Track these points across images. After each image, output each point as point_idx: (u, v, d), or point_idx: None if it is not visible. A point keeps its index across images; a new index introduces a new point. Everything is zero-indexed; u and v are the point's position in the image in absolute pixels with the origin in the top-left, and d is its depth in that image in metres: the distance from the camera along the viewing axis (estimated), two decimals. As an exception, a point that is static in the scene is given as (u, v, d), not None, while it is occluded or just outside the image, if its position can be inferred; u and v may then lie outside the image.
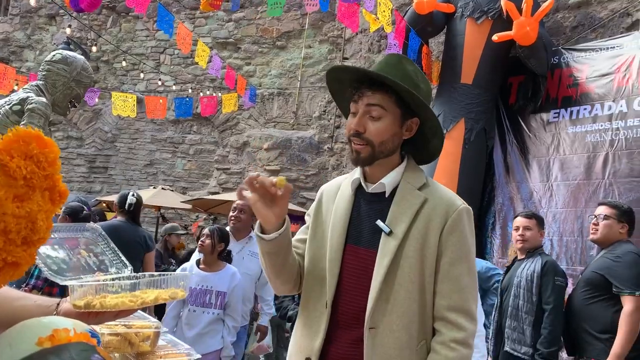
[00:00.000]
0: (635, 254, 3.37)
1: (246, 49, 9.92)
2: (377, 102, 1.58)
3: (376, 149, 1.59)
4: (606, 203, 3.74)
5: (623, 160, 5.55)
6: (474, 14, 6.34)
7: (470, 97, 6.30)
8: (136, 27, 10.63)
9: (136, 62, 10.13)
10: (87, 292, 1.15)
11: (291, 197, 8.76)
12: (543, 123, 6.41)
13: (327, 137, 8.85)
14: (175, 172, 10.26)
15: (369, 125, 1.59)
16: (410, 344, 1.54)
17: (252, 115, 9.67)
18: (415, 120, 1.65)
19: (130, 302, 1.14)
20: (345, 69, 1.70)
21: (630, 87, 5.70)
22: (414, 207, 1.59)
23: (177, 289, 1.27)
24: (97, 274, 1.26)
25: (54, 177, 0.78)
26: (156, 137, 10.38)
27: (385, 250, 1.56)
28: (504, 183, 6.60)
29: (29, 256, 0.77)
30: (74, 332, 0.73)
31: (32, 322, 0.78)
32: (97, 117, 10.64)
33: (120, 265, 1.35)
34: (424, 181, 1.65)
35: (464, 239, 1.58)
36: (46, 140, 0.76)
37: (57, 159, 0.78)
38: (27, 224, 0.75)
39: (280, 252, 1.62)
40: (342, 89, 1.72)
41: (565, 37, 6.72)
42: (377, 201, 1.65)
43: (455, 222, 1.57)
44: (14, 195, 0.73)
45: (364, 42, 8.58)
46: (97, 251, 1.34)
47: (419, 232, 1.57)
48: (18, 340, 0.73)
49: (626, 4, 6.26)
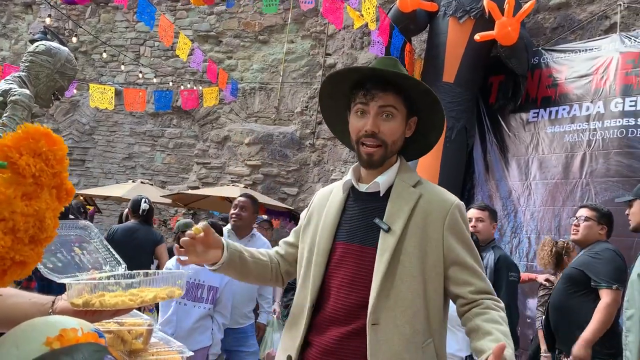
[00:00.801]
0: (612, 251, 3.51)
1: (228, 43, 9.84)
2: (390, 102, 1.62)
3: (388, 149, 1.65)
4: (587, 206, 3.85)
5: (600, 160, 5.67)
6: (456, 13, 6.40)
7: (451, 96, 6.37)
8: (115, 18, 10.45)
9: (115, 54, 9.96)
10: (84, 290, 1.14)
11: (272, 192, 8.75)
12: (522, 122, 6.51)
13: (308, 133, 8.84)
14: (154, 165, 10.14)
15: (382, 125, 1.62)
16: (415, 339, 1.54)
17: (233, 110, 9.61)
18: (414, 119, 1.71)
19: (130, 302, 1.13)
20: (359, 69, 1.71)
21: (608, 89, 5.82)
22: (410, 203, 1.62)
23: (174, 288, 1.26)
24: (91, 271, 1.25)
25: (62, 175, 0.77)
26: (135, 130, 10.24)
27: (385, 246, 1.57)
28: (483, 181, 6.70)
29: (37, 255, 0.76)
30: (81, 331, 0.72)
31: (37, 321, 0.77)
32: (75, 109, 10.45)
33: (113, 263, 1.33)
34: (417, 179, 1.70)
35: (465, 232, 1.64)
36: (55, 137, 0.75)
37: (65, 157, 0.77)
38: (35, 223, 0.74)
39: (234, 269, 1.79)
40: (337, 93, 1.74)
41: (545, 38, 6.83)
42: (372, 200, 1.68)
43: (455, 218, 1.62)
44: (22, 193, 0.72)
45: (346, 39, 8.59)
46: (90, 249, 1.33)
47: (418, 227, 1.60)
48: (24, 340, 0.72)
49: (604, 7, 6.39)
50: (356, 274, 1.60)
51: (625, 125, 5.57)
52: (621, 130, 5.58)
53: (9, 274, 0.74)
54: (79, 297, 1.14)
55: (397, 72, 1.62)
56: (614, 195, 5.48)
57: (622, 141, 5.55)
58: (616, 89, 5.74)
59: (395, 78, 1.61)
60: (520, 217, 6.16)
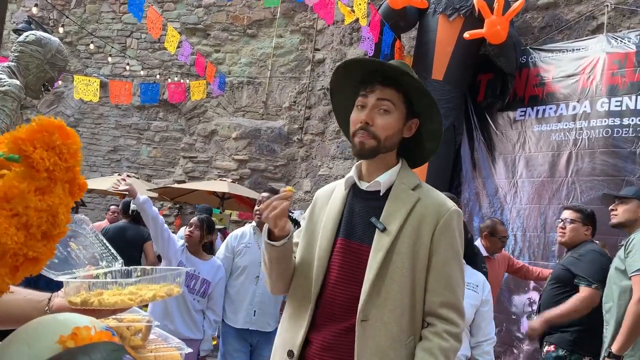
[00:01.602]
0: (596, 252, 3.60)
1: (216, 36, 9.76)
2: (388, 96, 1.65)
3: (381, 143, 1.65)
4: (571, 207, 3.91)
5: (585, 159, 5.73)
6: (446, 11, 6.41)
7: (440, 93, 6.38)
8: (102, 9, 10.31)
9: (101, 45, 9.83)
10: (81, 288, 1.12)
11: (259, 187, 8.72)
12: (510, 121, 6.56)
13: (296, 128, 8.82)
14: (140, 159, 10.04)
15: (377, 118, 1.65)
16: (401, 337, 1.57)
17: (221, 104, 9.54)
18: (415, 121, 1.72)
19: (130, 301, 1.11)
20: (362, 60, 1.74)
21: (594, 89, 5.88)
22: (408, 205, 1.64)
23: (173, 285, 1.25)
24: (88, 267, 1.23)
25: (75, 169, 0.75)
26: (120, 123, 10.13)
27: (379, 245, 1.60)
28: (470, 178, 6.74)
29: (49, 251, 0.74)
30: (94, 330, 0.71)
31: (47, 319, 0.76)
32: (59, 101, 10.30)
33: (110, 259, 1.31)
34: (417, 182, 1.72)
35: (455, 239, 1.65)
36: (69, 130, 0.73)
37: (79, 150, 0.75)
38: (49, 218, 0.72)
39: (287, 256, 1.70)
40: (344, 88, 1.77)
41: (533, 37, 6.87)
42: (371, 199, 1.71)
43: (447, 223, 1.64)
44: (36, 187, 0.70)
45: (335, 34, 8.57)
46: (86, 244, 1.30)
47: (412, 229, 1.62)
48: (36, 338, 0.71)
49: (592, 7, 6.45)
50: (352, 270, 1.63)
51: (610, 125, 5.64)
52: (607, 129, 5.65)
53: (21, 271, 0.72)
54: (76, 295, 1.12)
55: (395, 65, 1.64)
56: (600, 194, 5.55)
57: (608, 141, 5.62)
58: (602, 89, 5.80)
59: (394, 73, 1.64)
60: (507, 215, 6.21)
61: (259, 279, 3.80)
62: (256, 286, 3.83)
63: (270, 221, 1.61)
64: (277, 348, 1.75)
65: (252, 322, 3.80)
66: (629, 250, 3.08)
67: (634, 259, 3.00)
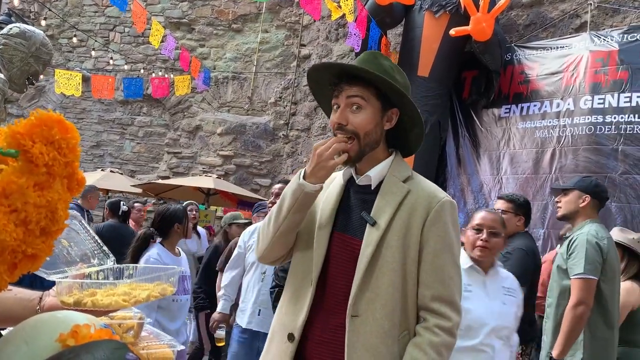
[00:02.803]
0: (522, 250, 3.51)
1: (200, 30, 9.68)
2: (355, 93, 1.62)
3: (362, 141, 1.62)
4: (503, 197, 3.81)
5: (569, 156, 5.80)
6: (432, 8, 6.43)
7: (426, 90, 6.41)
8: (84, 2, 10.16)
9: (83, 39, 9.69)
10: (74, 287, 1.10)
11: (245, 183, 8.69)
12: (495, 118, 6.61)
13: (282, 124, 8.79)
14: (124, 154, 9.93)
15: (350, 117, 1.62)
16: (393, 332, 1.56)
17: (206, 99, 9.47)
18: (394, 111, 1.69)
19: (124, 302, 1.10)
20: (323, 66, 1.74)
21: (578, 86, 5.95)
22: (398, 198, 1.63)
23: (166, 285, 1.23)
24: (80, 265, 1.21)
25: (74, 164, 0.73)
26: (104, 118, 10.00)
27: (369, 240, 1.59)
28: (455, 175, 6.78)
29: (48, 247, 0.72)
30: (94, 327, 0.69)
31: (46, 316, 0.74)
32: (40, 95, 10.13)
33: (102, 256, 1.29)
34: (409, 174, 1.70)
35: (447, 230, 1.61)
36: (68, 125, 0.72)
37: (78, 145, 0.73)
38: (47, 214, 0.70)
39: (308, 207, 1.67)
40: (321, 90, 1.77)
41: (518, 34, 6.93)
42: (364, 193, 1.69)
43: (438, 214, 1.61)
44: (34, 183, 0.68)
45: (322, 30, 8.55)
46: (78, 240, 1.28)
47: (402, 222, 1.60)
48: (34, 336, 0.69)
49: (576, 5, 6.52)
50: (344, 265, 1.62)
51: (593, 122, 5.71)
52: (590, 127, 5.72)
53: (19, 268, 0.70)
54: (69, 295, 1.10)
55: (351, 65, 1.63)
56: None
57: (591, 138, 5.69)
58: (585, 86, 5.88)
59: (352, 70, 1.63)
60: (491, 211, 6.26)
61: (266, 275, 3.65)
62: (262, 283, 3.66)
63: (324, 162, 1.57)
64: (275, 332, 1.72)
65: (256, 323, 3.62)
66: (571, 251, 3.05)
67: (574, 262, 2.98)
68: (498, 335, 2.47)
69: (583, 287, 2.90)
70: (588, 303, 2.90)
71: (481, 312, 2.43)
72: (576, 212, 3.18)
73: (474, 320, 2.41)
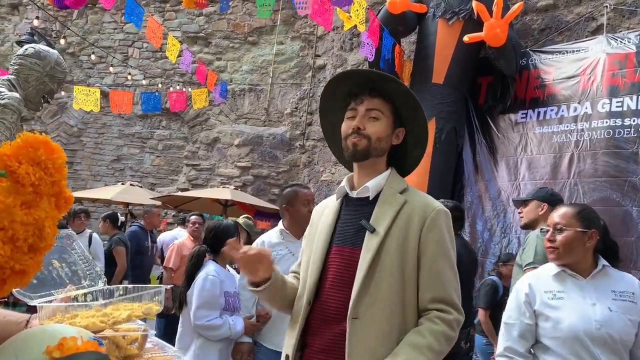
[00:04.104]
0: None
1: (217, 44, 9.82)
2: (376, 106, 1.77)
3: (372, 144, 1.75)
4: None
5: (587, 160, 5.72)
6: (445, 15, 6.43)
7: (441, 97, 6.39)
8: (103, 19, 10.38)
9: (103, 55, 9.90)
10: (57, 311, 1.12)
11: (262, 194, 8.74)
12: (511, 123, 6.56)
13: (298, 134, 8.84)
14: (144, 167, 10.08)
15: (368, 124, 1.76)
16: (392, 335, 1.62)
17: (223, 111, 9.58)
18: (401, 130, 1.84)
19: (101, 323, 1.11)
20: (353, 72, 1.87)
21: (595, 90, 5.88)
22: (395, 207, 1.73)
23: (152, 304, 1.25)
24: (69, 287, 1.22)
25: (61, 183, 0.76)
26: (124, 132, 10.18)
27: (369, 246, 1.68)
28: (473, 182, 6.73)
29: (36, 264, 0.75)
30: (81, 340, 0.72)
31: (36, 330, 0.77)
32: (62, 111, 10.36)
33: (93, 276, 1.31)
34: (405, 186, 1.81)
35: (442, 237, 1.71)
36: (53, 146, 0.75)
37: (64, 165, 0.77)
38: (35, 231, 0.73)
39: (276, 294, 1.81)
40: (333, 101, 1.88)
41: (533, 39, 6.88)
42: (362, 205, 1.79)
43: (434, 222, 1.71)
44: (21, 202, 0.71)
45: (336, 40, 8.60)
46: (71, 260, 1.30)
47: (400, 230, 1.69)
48: (24, 349, 0.72)
49: (591, 8, 6.45)
50: (344, 273, 1.71)
51: (612, 125, 5.63)
52: (608, 130, 5.64)
53: (8, 283, 0.73)
54: (50, 319, 1.12)
55: (379, 72, 1.78)
56: (602, 195, 5.54)
57: (609, 141, 5.61)
58: (603, 89, 5.80)
59: (380, 81, 1.77)
60: (510, 218, 6.20)
61: None
62: None
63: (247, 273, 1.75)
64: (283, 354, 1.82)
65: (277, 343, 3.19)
66: (524, 247, 3.28)
67: (527, 254, 3.19)
68: (610, 349, 2.08)
69: None
70: None
71: (574, 321, 2.11)
72: (536, 219, 3.41)
73: (567, 331, 2.10)
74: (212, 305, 3.14)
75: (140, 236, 6.34)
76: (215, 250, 3.36)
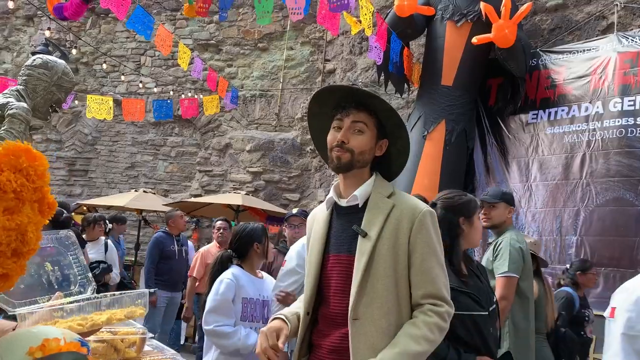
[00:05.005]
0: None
1: (228, 51, 9.90)
2: (361, 119, 1.83)
3: (355, 157, 1.82)
4: None
5: (600, 160, 5.67)
6: (453, 17, 6.42)
7: (450, 99, 6.38)
8: (116, 29, 10.53)
9: (116, 64, 10.04)
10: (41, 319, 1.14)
11: (274, 199, 8.78)
12: (522, 124, 6.52)
13: (309, 138, 8.84)
14: (157, 174, 10.18)
15: (352, 138, 1.82)
16: (390, 330, 1.72)
17: (234, 117, 9.65)
18: (385, 142, 1.91)
19: (79, 326, 1.13)
20: (338, 88, 1.97)
21: (606, 89, 5.83)
22: (385, 212, 1.81)
23: (135, 307, 1.26)
24: (57, 295, 1.23)
25: (43, 189, 0.79)
26: (137, 140, 10.30)
27: (362, 250, 1.76)
28: (484, 183, 6.70)
29: (19, 267, 0.78)
30: (64, 341, 0.74)
31: (22, 332, 0.79)
32: (77, 120, 10.51)
33: (84, 282, 1.33)
34: (391, 190, 1.89)
35: (430, 237, 1.79)
36: (35, 153, 0.77)
37: (46, 172, 0.79)
38: (17, 236, 0.76)
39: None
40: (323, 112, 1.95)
41: (542, 39, 6.84)
42: (352, 213, 1.86)
43: (421, 223, 1.78)
44: (4, 208, 0.74)
45: (345, 44, 8.62)
46: (65, 263, 1.31)
47: (390, 233, 1.77)
48: (9, 350, 0.74)
49: (602, 7, 6.40)
50: (346, 280, 1.79)
51: (624, 124, 5.58)
52: (620, 130, 5.59)
53: (-8, 287, 0.76)
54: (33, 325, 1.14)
55: (364, 90, 1.86)
56: (615, 195, 5.48)
57: (622, 141, 5.56)
58: (614, 88, 5.75)
59: (364, 97, 1.84)
60: (522, 219, 6.16)
61: None
62: None
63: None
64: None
65: None
66: (497, 253, 3.39)
67: (500, 262, 3.33)
68: None
69: (506, 284, 3.26)
70: (510, 299, 3.25)
71: None
72: (503, 221, 3.56)
73: None
74: (224, 310, 2.91)
75: (164, 241, 6.27)
76: (241, 255, 3.14)
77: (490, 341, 2.28)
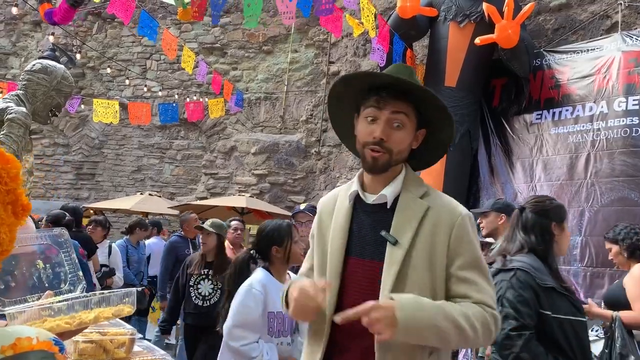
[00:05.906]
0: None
1: (233, 54, 9.94)
2: (401, 109, 1.57)
3: (393, 157, 1.59)
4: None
5: (604, 160, 5.63)
6: (456, 18, 6.41)
7: (454, 100, 6.36)
8: (122, 33, 10.61)
9: (122, 68, 10.11)
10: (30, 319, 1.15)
11: (279, 201, 8.79)
12: (526, 124, 6.49)
13: (314, 140, 8.89)
14: (163, 177, 10.24)
15: (392, 134, 1.58)
16: (423, 355, 1.52)
17: (240, 120, 9.69)
18: (422, 132, 1.66)
19: (66, 325, 1.14)
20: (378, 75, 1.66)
21: (610, 88, 5.79)
22: (418, 215, 1.57)
23: (123, 306, 1.26)
24: (47, 293, 1.25)
25: (17, 192, 0.80)
26: (143, 143, 10.36)
27: (392, 259, 1.54)
28: (488, 184, 6.67)
29: (-8, 268, 0.79)
30: (36, 340, 0.76)
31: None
32: (84, 124, 10.60)
33: (74, 280, 1.33)
34: (425, 189, 1.65)
35: (472, 245, 1.58)
36: (7, 156, 0.79)
37: (19, 174, 0.81)
38: (-11, 238, 0.77)
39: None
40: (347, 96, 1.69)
41: (546, 39, 6.81)
42: (379, 212, 1.63)
43: (462, 230, 1.57)
44: (-24, 210, 0.75)
45: (349, 46, 8.63)
46: (56, 261, 1.32)
47: (426, 240, 1.55)
48: None
49: (605, 6, 6.36)
50: (369, 289, 1.56)
51: (629, 124, 5.53)
52: (625, 129, 5.54)
53: (-36, 287, 0.77)
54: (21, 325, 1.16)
55: (416, 84, 1.58)
56: (620, 195, 5.44)
57: (627, 140, 5.51)
58: (619, 88, 5.71)
59: (414, 90, 1.58)
60: (527, 220, 6.12)
61: None
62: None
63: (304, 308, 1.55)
64: None
65: None
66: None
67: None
68: None
69: None
70: None
71: None
72: (496, 229, 3.65)
73: None
74: (252, 326, 2.61)
75: (179, 245, 6.16)
76: (265, 257, 2.83)
77: (588, 352, 2.11)
